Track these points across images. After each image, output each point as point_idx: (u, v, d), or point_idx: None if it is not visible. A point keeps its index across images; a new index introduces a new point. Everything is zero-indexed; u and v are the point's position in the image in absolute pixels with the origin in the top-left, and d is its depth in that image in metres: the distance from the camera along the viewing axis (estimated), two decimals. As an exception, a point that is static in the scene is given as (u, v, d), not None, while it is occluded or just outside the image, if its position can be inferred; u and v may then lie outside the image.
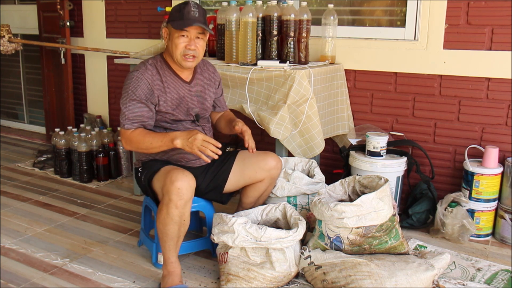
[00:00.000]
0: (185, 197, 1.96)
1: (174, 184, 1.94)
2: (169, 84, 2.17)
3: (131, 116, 2.09)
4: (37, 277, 2.19)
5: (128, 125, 2.09)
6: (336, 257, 2.02)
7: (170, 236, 2.02)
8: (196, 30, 2.09)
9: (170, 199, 1.95)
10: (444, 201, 2.59)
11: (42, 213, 2.91)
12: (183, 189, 1.95)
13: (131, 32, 3.81)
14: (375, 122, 2.96)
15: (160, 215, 2.00)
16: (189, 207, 2.01)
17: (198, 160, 2.26)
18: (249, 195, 2.34)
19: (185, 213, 2.00)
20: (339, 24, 2.90)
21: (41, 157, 3.86)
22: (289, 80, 2.41)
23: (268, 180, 2.30)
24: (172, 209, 1.96)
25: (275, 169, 2.29)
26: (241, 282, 2.03)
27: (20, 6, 4.67)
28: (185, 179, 1.96)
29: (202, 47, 2.14)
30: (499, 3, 2.55)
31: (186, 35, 2.09)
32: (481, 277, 2.19)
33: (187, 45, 2.09)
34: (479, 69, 2.63)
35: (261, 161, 2.27)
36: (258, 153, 2.30)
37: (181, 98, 2.19)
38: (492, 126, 2.67)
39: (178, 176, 1.96)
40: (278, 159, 2.31)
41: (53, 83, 4.21)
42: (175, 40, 2.09)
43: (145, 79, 2.11)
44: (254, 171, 2.27)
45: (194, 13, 2.07)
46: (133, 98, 2.09)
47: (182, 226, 2.02)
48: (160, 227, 2.02)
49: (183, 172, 1.99)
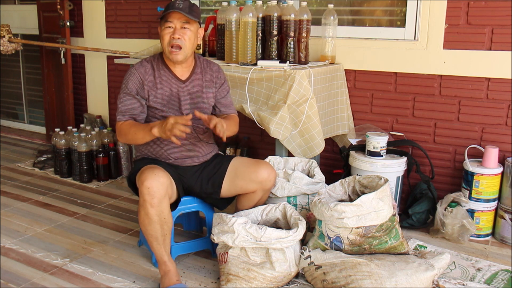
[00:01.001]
0: (157, 195, 1.95)
1: (144, 184, 1.95)
2: (162, 81, 2.18)
3: (123, 109, 2.14)
4: (37, 277, 2.19)
5: (119, 117, 2.15)
6: (336, 257, 2.02)
7: (154, 236, 2.03)
8: (180, 19, 2.10)
9: (144, 200, 1.96)
10: (444, 201, 2.59)
11: (42, 213, 2.91)
12: (153, 187, 1.94)
13: (131, 32, 3.81)
14: (375, 122, 2.96)
15: (140, 217, 2.01)
16: (165, 204, 2.00)
17: (186, 159, 2.25)
18: (243, 204, 2.30)
19: (163, 210, 1.99)
20: (339, 24, 2.90)
21: (41, 157, 3.86)
22: (289, 80, 2.41)
23: (261, 191, 2.24)
24: (148, 208, 1.96)
25: (267, 181, 2.20)
26: (241, 282, 2.03)
27: (20, 6, 4.67)
28: (154, 178, 1.96)
29: (189, 38, 2.12)
30: (499, 3, 2.55)
31: (171, 25, 2.10)
32: (481, 277, 2.19)
33: (172, 35, 2.10)
34: (479, 69, 2.63)
35: (252, 173, 2.19)
36: (250, 163, 2.24)
37: (173, 95, 2.19)
38: (492, 126, 2.67)
39: (148, 176, 1.96)
40: (270, 170, 2.22)
41: (53, 83, 4.21)
42: (161, 32, 2.14)
43: (137, 74, 2.15)
44: (245, 182, 2.21)
45: (178, 4, 2.08)
46: (125, 92, 2.15)
47: (164, 224, 2.02)
48: (143, 229, 2.04)
49: (152, 171, 1.99)
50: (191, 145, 2.25)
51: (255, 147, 3.37)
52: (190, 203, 2.32)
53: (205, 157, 2.31)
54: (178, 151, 2.24)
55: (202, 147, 2.29)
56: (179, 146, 2.22)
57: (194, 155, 2.27)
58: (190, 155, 2.26)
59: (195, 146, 2.27)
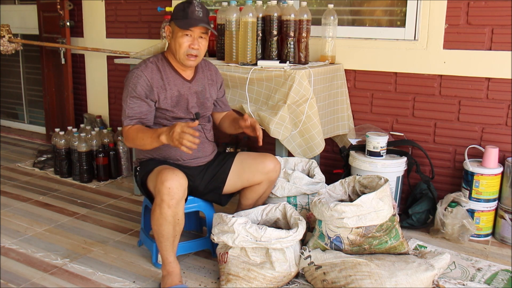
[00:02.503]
0: (176, 196, 1.96)
1: (164, 184, 1.94)
2: (170, 82, 2.18)
3: (131, 113, 2.11)
4: (37, 277, 2.19)
5: (127, 121, 2.12)
6: (336, 257, 2.02)
7: (166, 236, 2.02)
8: (200, 30, 2.11)
9: (162, 199, 1.95)
10: (444, 201, 2.59)
11: (42, 213, 2.91)
12: (173, 188, 1.94)
13: (131, 32, 3.81)
14: (375, 122, 2.96)
15: (154, 216, 2.00)
16: (182, 206, 2.01)
17: (195, 159, 2.26)
18: (248, 197, 2.33)
19: (179, 212, 2.00)
20: (339, 24, 2.90)
21: (41, 157, 3.86)
22: (289, 80, 2.41)
23: (266, 182, 2.29)
24: (165, 209, 1.96)
25: (273, 171, 2.28)
26: (241, 282, 2.03)
27: (20, 6, 4.67)
28: (175, 178, 1.96)
29: (204, 47, 2.16)
30: (499, 3, 2.55)
31: (190, 34, 2.10)
32: (481, 277, 2.19)
33: (191, 45, 2.10)
34: (479, 69, 2.63)
35: (259, 164, 2.26)
36: (256, 155, 2.30)
37: (181, 95, 2.19)
38: (492, 126, 2.67)
39: (168, 176, 1.96)
40: (276, 162, 2.29)
41: (53, 83, 4.21)
42: (178, 39, 2.10)
43: (144, 76, 2.12)
44: (252, 173, 2.26)
45: (198, 13, 2.08)
46: (133, 95, 2.11)
47: (176, 225, 2.02)
48: (155, 228, 2.03)
49: (173, 172, 1.99)
50: (200, 144, 2.26)
51: (255, 147, 3.37)
52: (190, 203, 2.32)
53: (210, 156, 2.34)
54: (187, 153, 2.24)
55: (208, 146, 2.33)
56: None
57: (203, 154, 2.29)
58: (199, 155, 2.28)
59: (203, 146, 2.28)
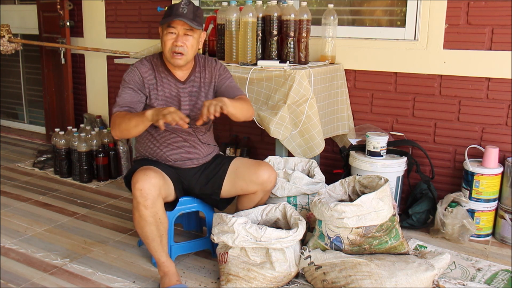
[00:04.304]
0: (150, 197, 1.95)
1: (136, 186, 1.95)
2: (163, 81, 2.18)
3: (121, 101, 2.09)
4: (37, 277, 2.19)
5: (116, 109, 2.08)
6: (336, 257, 2.02)
7: (151, 237, 2.03)
8: (183, 26, 2.08)
9: (138, 202, 1.96)
10: (444, 201, 2.59)
11: (42, 213, 2.91)
12: (145, 189, 1.94)
13: (131, 32, 3.81)
14: (375, 122, 2.96)
15: (135, 219, 2.02)
16: (159, 204, 2.00)
17: (186, 161, 2.25)
18: (244, 205, 2.30)
19: (158, 211, 1.99)
20: (339, 24, 2.90)
21: (41, 157, 3.86)
22: (289, 80, 2.41)
23: (261, 192, 2.25)
24: (142, 210, 1.96)
25: (268, 182, 2.20)
26: (241, 282, 2.03)
27: (20, 6, 4.67)
28: (145, 179, 1.95)
29: (191, 45, 2.11)
30: (499, 3, 2.55)
31: (174, 31, 2.09)
32: (481, 277, 2.19)
33: (174, 42, 2.09)
34: (479, 69, 2.63)
35: (253, 174, 2.19)
36: (251, 164, 2.24)
37: (173, 97, 2.19)
38: (492, 126, 2.67)
39: (139, 178, 1.96)
40: (271, 171, 2.22)
41: (53, 83, 4.21)
42: (163, 37, 2.12)
43: (137, 71, 2.15)
44: (246, 183, 2.21)
45: (182, 10, 2.06)
46: (125, 86, 2.13)
47: (160, 224, 2.02)
48: (138, 231, 2.04)
49: (144, 173, 1.98)
50: (191, 146, 2.25)
51: (255, 147, 3.37)
52: (190, 203, 2.32)
53: (205, 158, 2.31)
54: (178, 153, 2.23)
55: (202, 148, 2.29)
56: (178, 148, 2.22)
57: (194, 157, 2.27)
58: (189, 157, 2.26)
59: (195, 148, 2.26)
